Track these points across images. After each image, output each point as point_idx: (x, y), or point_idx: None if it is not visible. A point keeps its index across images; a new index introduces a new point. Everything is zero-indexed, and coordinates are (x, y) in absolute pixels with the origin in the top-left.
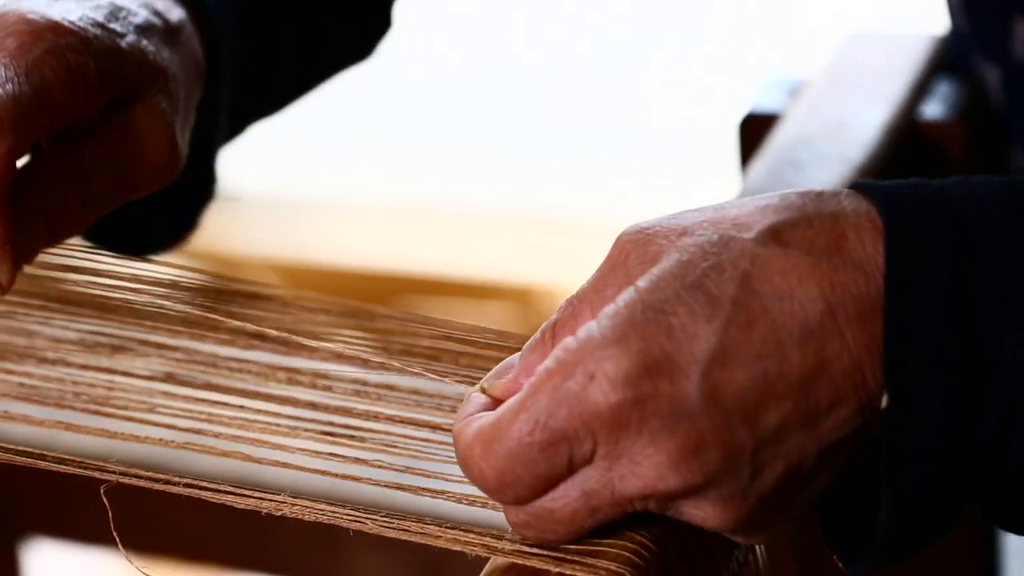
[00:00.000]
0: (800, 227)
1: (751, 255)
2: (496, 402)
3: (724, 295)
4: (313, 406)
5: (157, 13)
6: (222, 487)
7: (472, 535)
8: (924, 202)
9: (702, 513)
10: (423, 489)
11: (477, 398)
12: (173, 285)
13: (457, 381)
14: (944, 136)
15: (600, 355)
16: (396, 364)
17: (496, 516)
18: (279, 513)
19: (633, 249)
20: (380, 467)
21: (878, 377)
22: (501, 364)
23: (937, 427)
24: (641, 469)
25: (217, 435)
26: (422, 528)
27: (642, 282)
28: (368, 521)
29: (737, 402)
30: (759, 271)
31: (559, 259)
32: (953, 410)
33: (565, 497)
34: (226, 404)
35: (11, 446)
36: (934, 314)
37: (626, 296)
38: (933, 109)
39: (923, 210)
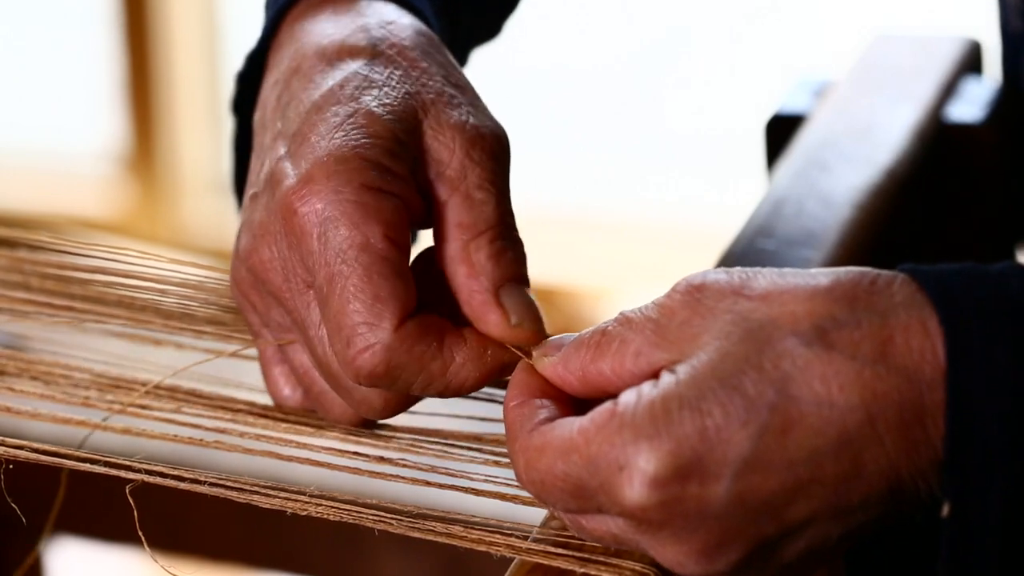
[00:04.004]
0: (847, 329)
1: (793, 356)
2: (540, 380)
3: (761, 400)
4: None
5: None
6: (248, 486)
7: (497, 536)
8: (983, 303)
9: None
10: (447, 486)
11: (524, 376)
12: (198, 287)
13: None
14: (974, 138)
15: (632, 449)
16: None
17: (522, 514)
18: (304, 513)
19: (681, 310)
20: (405, 466)
21: (914, 475)
22: (555, 338)
23: (999, 529)
24: (663, 551)
25: (242, 434)
26: (447, 528)
27: (683, 373)
28: (394, 521)
29: (765, 504)
30: (800, 374)
31: (583, 260)
32: (1015, 511)
33: (595, 524)
34: (252, 403)
35: (37, 445)
36: (996, 420)
37: (666, 386)
38: (962, 111)
39: (982, 312)
